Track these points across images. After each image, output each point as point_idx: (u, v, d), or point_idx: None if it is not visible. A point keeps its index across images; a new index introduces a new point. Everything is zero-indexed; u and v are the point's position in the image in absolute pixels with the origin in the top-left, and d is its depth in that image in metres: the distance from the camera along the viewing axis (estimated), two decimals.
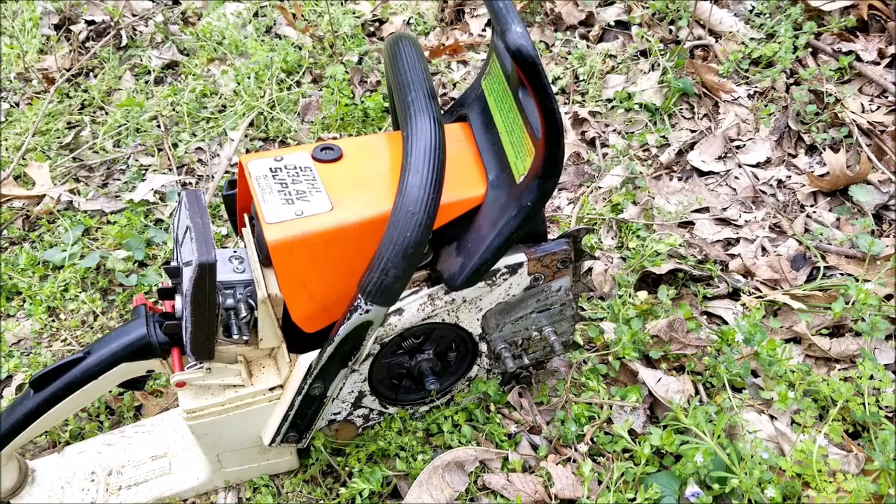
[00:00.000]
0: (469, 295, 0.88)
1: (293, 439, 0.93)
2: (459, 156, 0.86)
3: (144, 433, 1.05)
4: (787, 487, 0.91)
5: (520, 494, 0.95)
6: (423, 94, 0.77)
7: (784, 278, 1.26)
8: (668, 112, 1.62)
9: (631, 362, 1.12)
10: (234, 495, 1.01)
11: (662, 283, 1.27)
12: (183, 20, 2.10)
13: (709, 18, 1.77)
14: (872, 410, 1.00)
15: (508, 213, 0.78)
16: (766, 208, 1.41)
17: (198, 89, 1.77)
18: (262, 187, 0.79)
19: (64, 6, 2.10)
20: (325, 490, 1.00)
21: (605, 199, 1.45)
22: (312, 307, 0.80)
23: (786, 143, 1.54)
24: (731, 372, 1.06)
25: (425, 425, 1.03)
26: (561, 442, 1.04)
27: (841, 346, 1.13)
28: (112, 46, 1.99)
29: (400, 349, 0.93)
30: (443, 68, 1.82)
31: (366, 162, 0.84)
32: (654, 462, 0.97)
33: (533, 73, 0.65)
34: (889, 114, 1.51)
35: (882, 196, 1.37)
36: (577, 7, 1.91)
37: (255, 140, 1.66)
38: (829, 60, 1.64)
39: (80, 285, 1.35)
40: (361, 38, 1.91)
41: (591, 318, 1.20)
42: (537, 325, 0.98)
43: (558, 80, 1.73)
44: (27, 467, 0.98)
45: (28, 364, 1.22)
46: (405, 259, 0.72)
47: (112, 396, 1.15)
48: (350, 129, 1.65)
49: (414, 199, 0.71)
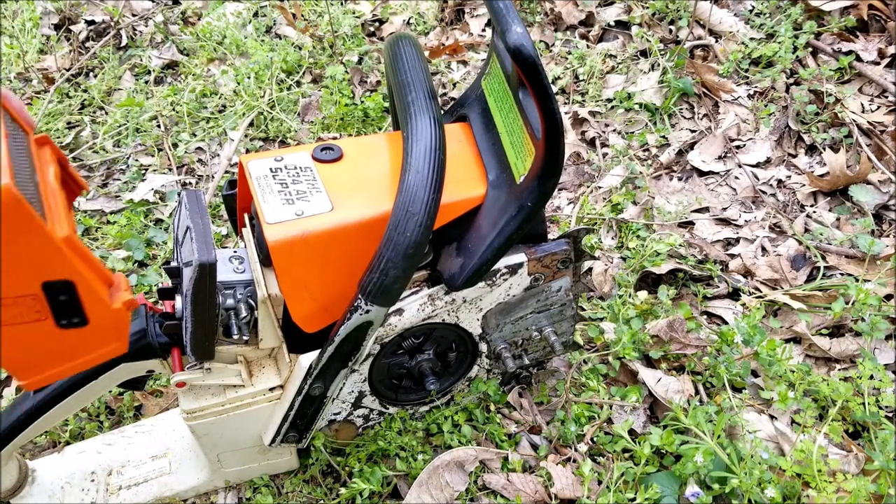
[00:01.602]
0: (469, 295, 0.88)
1: (293, 439, 0.93)
2: (459, 156, 0.86)
3: (144, 433, 1.05)
4: (787, 487, 0.91)
5: (520, 494, 0.95)
6: (424, 95, 0.77)
7: (784, 278, 1.26)
8: (668, 112, 1.62)
9: (631, 362, 1.12)
10: (234, 495, 1.01)
11: (662, 283, 1.27)
12: (183, 20, 2.10)
13: (709, 18, 1.77)
14: (872, 410, 1.00)
15: (508, 213, 0.78)
16: (766, 208, 1.41)
17: (198, 89, 1.77)
18: (262, 187, 0.79)
19: (64, 6, 2.10)
20: (325, 490, 1.00)
21: (605, 199, 1.45)
22: (312, 307, 0.80)
23: (786, 143, 1.54)
24: (731, 372, 1.06)
25: (425, 425, 1.03)
26: (561, 442, 1.04)
27: (841, 346, 1.13)
28: (112, 46, 1.99)
29: (400, 349, 0.93)
30: (443, 68, 1.82)
31: (366, 162, 0.84)
32: (654, 462, 0.97)
33: (533, 73, 0.65)
34: (889, 114, 1.51)
35: (882, 196, 1.37)
36: (577, 7, 1.91)
37: (255, 140, 1.67)
38: (829, 60, 1.64)
39: None
40: (361, 38, 1.91)
41: (591, 318, 1.20)
42: (537, 325, 0.98)
43: (558, 80, 1.74)
44: (27, 467, 0.98)
45: None
46: (405, 259, 0.72)
47: (112, 396, 1.15)
48: (350, 129, 1.65)
49: (414, 199, 0.71)
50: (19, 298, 0.63)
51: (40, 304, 0.64)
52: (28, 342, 0.67)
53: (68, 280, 0.64)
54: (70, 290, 0.64)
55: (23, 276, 0.62)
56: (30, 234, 0.60)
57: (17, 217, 0.58)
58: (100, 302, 0.66)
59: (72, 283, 0.64)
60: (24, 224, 0.59)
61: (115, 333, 0.70)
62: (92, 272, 0.65)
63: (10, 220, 0.58)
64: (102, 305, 0.67)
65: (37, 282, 0.63)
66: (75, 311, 0.66)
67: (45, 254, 0.62)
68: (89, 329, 0.68)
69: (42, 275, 0.63)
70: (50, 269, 0.63)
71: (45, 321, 0.65)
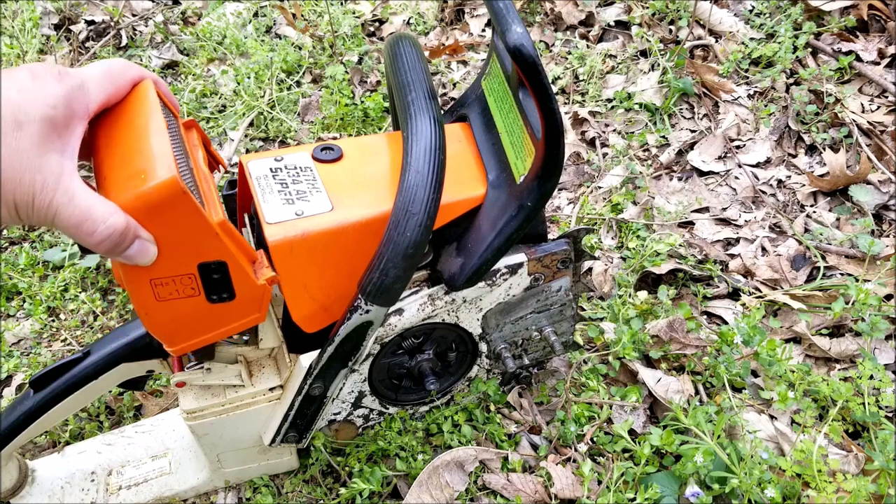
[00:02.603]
0: (469, 295, 0.88)
1: (293, 439, 0.93)
2: (459, 156, 0.86)
3: (144, 433, 1.05)
4: (787, 487, 0.91)
5: (520, 494, 0.95)
6: (424, 95, 0.77)
7: (784, 278, 1.26)
8: (668, 112, 1.62)
9: (631, 362, 1.12)
10: (234, 495, 1.01)
11: (662, 283, 1.27)
12: (183, 20, 2.10)
13: (709, 18, 1.77)
14: (872, 410, 1.00)
15: (508, 213, 0.78)
16: (766, 208, 1.41)
17: (198, 89, 1.77)
18: (262, 187, 0.79)
19: (64, 6, 2.10)
20: (325, 490, 1.00)
21: (605, 199, 1.45)
22: (312, 307, 0.80)
23: (786, 143, 1.54)
24: (731, 372, 1.06)
25: (425, 425, 1.03)
26: (561, 442, 1.04)
27: (841, 346, 1.13)
28: (112, 46, 1.99)
29: (400, 349, 0.93)
30: (443, 68, 1.82)
31: (366, 162, 0.84)
32: (654, 462, 0.97)
33: (533, 73, 0.65)
34: (889, 114, 1.51)
35: (882, 196, 1.37)
36: (577, 7, 1.91)
37: (255, 140, 1.67)
38: (829, 60, 1.64)
39: (80, 285, 1.35)
40: (361, 38, 1.91)
41: (591, 318, 1.20)
42: (537, 325, 0.98)
43: (558, 80, 1.74)
44: (27, 467, 0.98)
45: (28, 364, 1.22)
46: (405, 259, 0.72)
47: (112, 396, 1.15)
48: (350, 129, 1.65)
49: (414, 199, 0.71)
50: (176, 278, 0.68)
51: (195, 282, 0.69)
52: (179, 315, 0.71)
53: (221, 261, 0.68)
54: (223, 270, 0.69)
55: (182, 259, 0.67)
56: (191, 221, 0.64)
57: (182, 207, 0.62)
58: (247, 279, 0.71)
59: (224, 264, 0.69)
60: (188, 213, 0.63)
61: (256, 306, 0.74)
62: (240, 251, 0.70)
63: (175, 210, 0.62)
64: (249, 282, 0.71)
65: (194, 263, 0.68)
66: (225, 288, 0.71)
67: (203, 238, 0.66)
68: (235, 303, 0.72)
69: (199, 256, 0.67)
70: (206, 251, 0.67)
71: (198, 297, 0.70)
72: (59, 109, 0.56)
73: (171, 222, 0.63)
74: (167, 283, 0.68)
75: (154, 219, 0.62)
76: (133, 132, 0.64)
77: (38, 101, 0.55)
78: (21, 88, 0.55)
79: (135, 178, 0.60)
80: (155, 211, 0.61)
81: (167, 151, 0.62)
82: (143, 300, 0.68)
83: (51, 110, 0.56)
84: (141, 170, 0.61)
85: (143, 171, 0.60)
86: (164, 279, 0.67)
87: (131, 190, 0.60)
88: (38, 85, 0.56)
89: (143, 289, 0.67)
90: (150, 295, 0.68)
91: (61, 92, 0.57)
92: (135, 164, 0.61)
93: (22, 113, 0.54)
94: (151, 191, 0.60)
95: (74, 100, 0.58)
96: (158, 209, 0.61)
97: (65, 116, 0.57)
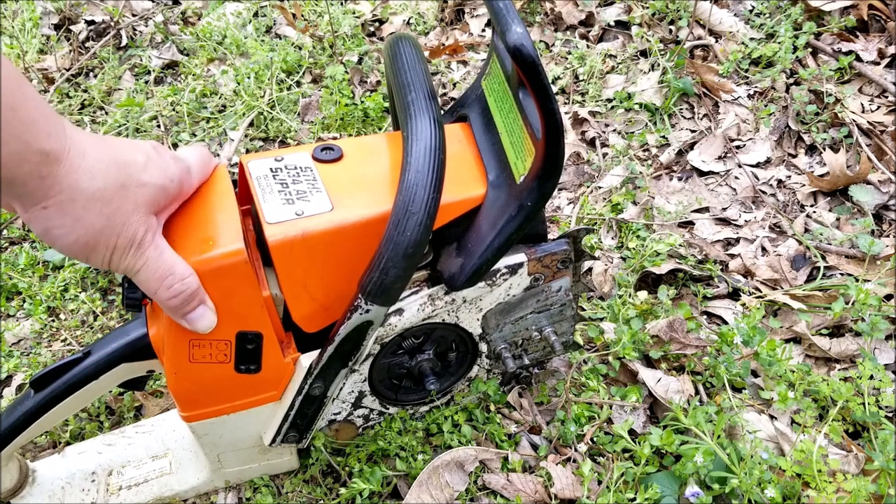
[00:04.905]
0: (469, 295, 0.88)
1: (293, 439, 0.93)
2: (459, 156, 0.86)
3: (145, 433, 1.05)
4: (787, 487, 0.91)
5: (520, 494, 0.95)
6: (423, 95, 0.77)
7: (784, 278, 1.26)
8: (668, 112, 1.62)
9: (631, 362, 1.12)
10: (234, 495, 1.01)
11: (662, 283, 1.27)
12: (183, 20, 2.10)
13: (709, 18, 1.77)
14: (872, 410, 1.00)
15: (508, 213, 0.78)
16: (766, 208, 1.41)
17: (198, 89, 1.77)
18: (262, 187, 0.79)
19: (64, 6, 2.10)
20: (325, 490, 1.00)
21: (605, 199, 1.45)
22: (312, 307, 0.80)
23: (786, 143, 1.54)
24: (731, 372, 1.06)
25: (425, 425, 1.03)
26: (561, 442, 1.04)
27: (841, 346, 1.13)
28: (112, 46, 1.99)
29: (400, 349, 0.93)
30: (443, 68, 1.82)
31: (366, 162, 0.84)
32: (654, 462, 0.98)
33: (533, 73, 0.65)
34: (889, 114, 1.51)
35: (882, 196, 1.37)
36: (577, 7, 1.91)
37: (255, 140, 1.67)
38: (829, 60, 1.64)
39: (80, 285, 1.35)
40: (361, 38, 1.91)
41: (591, 318, 1.20)
42: (537, 326, 0.98)
43: (558, 80, 1.74)
44: (27, 467, 0.98)
45: (28, 364, 1.22)
46: (405, 259, 0.72)
47: (112, 396, 1.15)
48: (350, 129, 1.65)
49: (414, 198, 0.71)
50: (214, 342, 0.72)
51: (229, 348, 0.73)
52: (204, 379, 0.75)
53: (259, 332, 0.73)
54: (258, 341, 0.73)
55: (227, 324, 0.71)
56: (245, 290, 0.70)
57: (241, 276, 0.68)
58: (276, 354, 0.75)
59: (260, 335, 0.73)
60: (245, 282, 0.69)
61: (275, 384, 0.79)
62: (276, 328, 0.74)
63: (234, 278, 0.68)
64: (277, 357, 0.76)
65: (234, 330, 0.72)
66: (255, 359, 0.75)
67: (251, 308, 0.71)
68: (259, 376, 0.76)
69: (240, 325, 0.72)
70: (249, 321, 0.72)
71: (227, 364, 0.74)
72: (173, 183, 0.67)
73: (228, 288, 0.68)
74: (204, 346, 0.71)
75: (214, 282, 0.66)
76: (206, 207, 0.70)
77: (159, 172, 0.65)
78: (148, 157, 0.64)
79: (203, 244, 0.66)
80: (216, 275, 0.66)
81: (237, 226, 0.68)
82: (177, 358, 0.72)
83: (168, 182, 0.66)
84: (209, 237, 0.66)
85: (211, 239, 0.66)
86: (202, 341, 0.71)
87: (199, 254, 0.65)
88: (161, 159, 0.66)
89: (181, 346, 0.71)
90: (185, 354, 0.71)
91: (177, 172, 0.68)
92: (204, 232, 0.67)
93: (147, 175, 0.63)
94: (219, 257, 0.65)
95: (184, 181, 0.69)
96: (220, 274, 0.66)
97: (175, 191, 0.68)
